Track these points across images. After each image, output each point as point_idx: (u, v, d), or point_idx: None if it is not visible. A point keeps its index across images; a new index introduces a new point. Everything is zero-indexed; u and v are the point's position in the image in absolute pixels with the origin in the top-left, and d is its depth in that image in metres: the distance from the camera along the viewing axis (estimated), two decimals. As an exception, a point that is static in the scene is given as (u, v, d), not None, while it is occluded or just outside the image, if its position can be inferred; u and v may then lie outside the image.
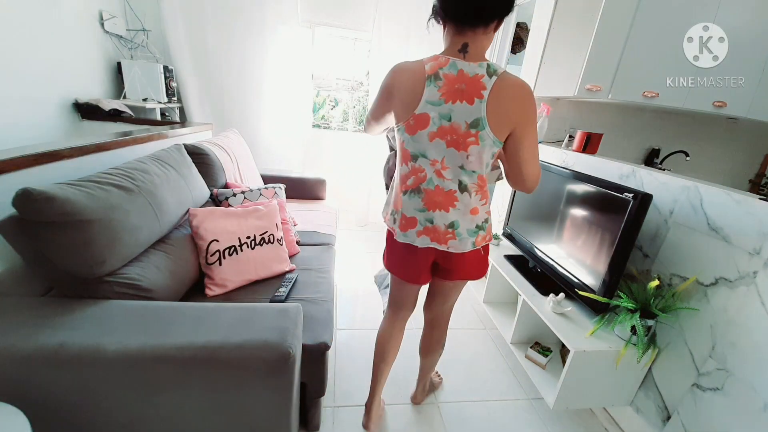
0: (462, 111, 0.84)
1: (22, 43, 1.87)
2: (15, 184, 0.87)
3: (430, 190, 0.95)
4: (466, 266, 1.05)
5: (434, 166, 0.92)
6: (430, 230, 0.98)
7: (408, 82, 0.89)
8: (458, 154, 0.89)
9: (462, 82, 0.83)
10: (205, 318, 0.91)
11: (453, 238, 0.97)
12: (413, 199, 0.97)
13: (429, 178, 0.94)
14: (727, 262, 1.08)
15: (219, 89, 2.88)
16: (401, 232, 1.01)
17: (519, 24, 3.26)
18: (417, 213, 0.98)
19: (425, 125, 0.88)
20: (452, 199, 0.94)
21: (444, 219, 0.96)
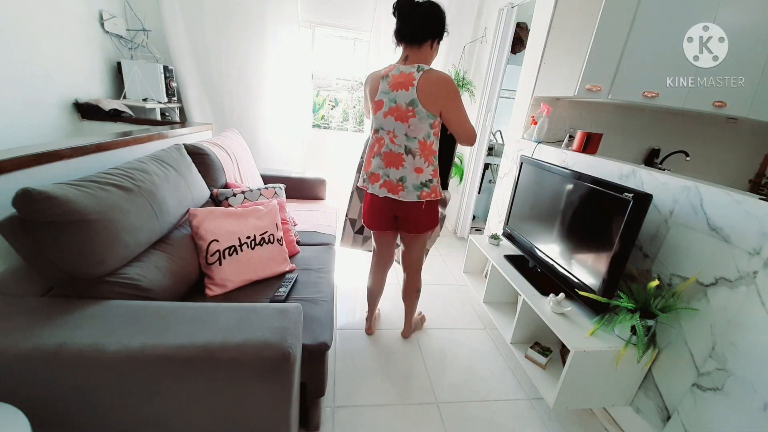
0: (402, 96, 1.26)
1: (23, 43, 1.87)
2: (15, 184, 0.87)
3: (387, 152, 1.35)
4: (419, 219, 1.42)
5: (389, 135, 1.33)
6: (387, 183, 1.37)
7: (373, 83, 1.35)
8: (403, 126, 1.29)
9: (402, 78, 1.26)
10: (205, 318, 0.91)
11: (402, 190, 1.35)
12: (376, 159, 1.39)
13: (386, 143, 1.34)
14: (727, 262, 1.08)
15: (219, 89, 2.88)
16: (371, 184, 1.41)
17: (519, 24, 3.26)
18: (379, 170, 1.38)
19: (381, 107, 1.32)
20: (401, 160, 1.33)
21: (395, 174, 1.35)
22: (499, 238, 2.12)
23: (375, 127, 1.37)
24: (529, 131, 2.20)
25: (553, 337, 1.61)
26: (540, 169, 1.79)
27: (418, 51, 1.29)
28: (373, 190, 1.40)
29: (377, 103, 1.31)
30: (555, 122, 2.21)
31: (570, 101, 2.20)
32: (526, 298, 1.56)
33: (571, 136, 1.99)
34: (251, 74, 2.88)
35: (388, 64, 1.33)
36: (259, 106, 2.98)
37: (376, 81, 1.32)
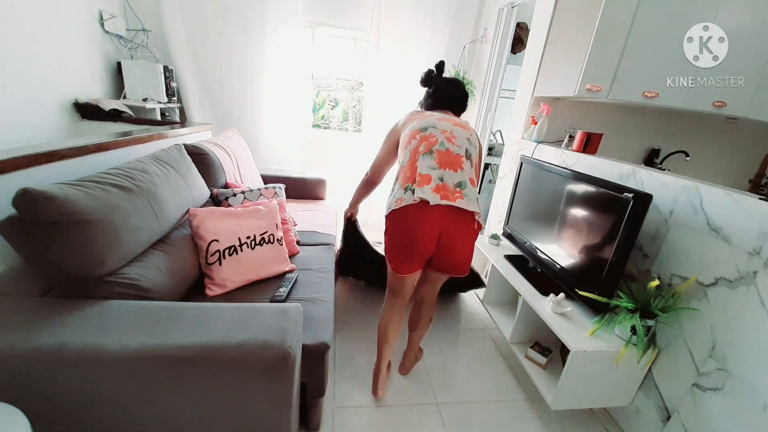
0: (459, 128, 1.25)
1: (22, 42, 1.87)
2: (15, 184, 0.87)
3: (441, 151, 1.16)
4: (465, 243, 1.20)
5: (444, 134, 1.19)
6: (441, 187, 1.12)
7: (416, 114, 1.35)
8: (464, 132, 1.23)
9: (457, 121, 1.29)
10: (205, 318, 0.91)
11: (461, 197, 1.12)
12: (426, 159, 1.16)
13: (440, 141, 1.17)
14: (727, 262, 1.08)
15: (219, 89, 2.88)
16: (418, 188, 1.12)
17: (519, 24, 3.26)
18: (431, 171, 1.14)
19: (433, 115, 1.29)
20: (460, 162, 1.16)
21: (452, 178, 1.14)
22: (499, 237, 2.12)
23: (421, 126, 1.21)
24: (529, 131, 2.20)
25: (553, 337, 1.61)
26: (540, 169, 1.79)
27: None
28: (425, 194, 1.10)
29: (426, 115, 1.28)
30: (555, 122, 2.21)
31: (570, 101, 2.20)
32: (526, 298, 1.56)
33: (571, 136, 1.99)
34: (251, 74, 2.87)
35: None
36: (259, 106, 2.98)
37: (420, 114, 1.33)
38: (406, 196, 1.14)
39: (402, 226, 1.16)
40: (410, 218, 1.14)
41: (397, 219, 1.17)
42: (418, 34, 2.95)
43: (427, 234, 1.14)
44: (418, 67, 3.05)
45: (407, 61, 3.02)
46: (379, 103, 3.06)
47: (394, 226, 1.19)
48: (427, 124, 1.20)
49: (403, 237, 1.17)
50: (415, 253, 1.18)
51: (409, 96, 3.08)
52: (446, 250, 1.18)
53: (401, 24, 2.88)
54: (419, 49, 3.00)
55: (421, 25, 2.93)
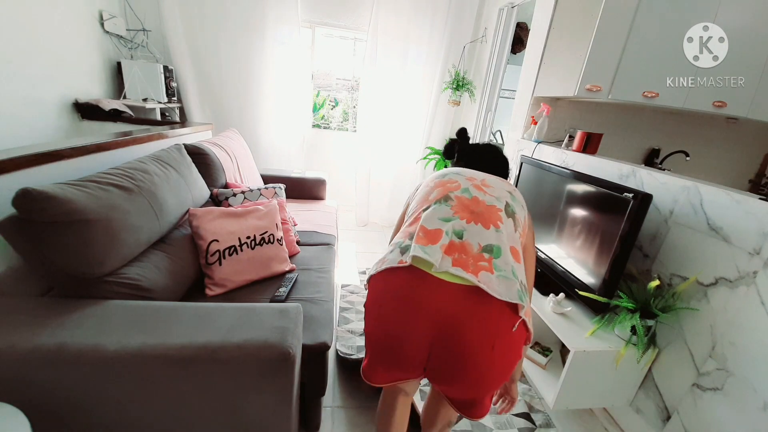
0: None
1: (22, 42, 1.87)
2: (15, 184, 0.87)
3: (464, 198, 0.76)
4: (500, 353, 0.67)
5: (471, 181, 0.80)
6: (456, 247, 0.68)
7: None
8: (504, 184, 0.84)
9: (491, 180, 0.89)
10: (205, 318, 0.91)
11: (488, 270, 0.65)
12: (438, 208, 0.76)
13: (464, 188, 0.79)
14: (727, 262, 1.08)
15: (219, 89, 2.88)
16: (416, 243, 0.70)
17: (519, 24, 3.26)
18: (442, 223, 0.72)
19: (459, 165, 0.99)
20: (495, 216, 0.73)
21: (480, 236, 0.69)
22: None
23: (440, 173, 0.88)
24: (529, 131, 2.20)
25: (553, 337, 1.61)
26: (540, 169, 1.79)
27: None
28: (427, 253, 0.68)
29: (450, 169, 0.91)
30: (555, 122, 2.21)
31: (570, 101, 2.20)
32: (526, 298, 1.56)
33: (571, 136, 1.99)
34: (251, 74, 2.87)
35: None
36: (259, 106, 2.98)
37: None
38: (391, 255, 0.73)
39: (379, 302, 0.73)
40: (393, 291, 0.70)
41: (375, 289, 0.76)
42: (418, 34, 2.95)
43: (418, 323, 0.67)
44: (418, 67, 3.05)
45: (407, 62, 3.02)
46: (376, 105, 3.06)
47: (370, 299, 0.77)
48: (449, 171, 0.87)
49: (379, 322, 0.73)
50: (395, 354, 0.71)
51: (409, 97, 3.09)
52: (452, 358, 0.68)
53: (400, 24, 2.89)
54: (419, 49, 3.00)
55: (421, 25, 2.93)
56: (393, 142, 3.20)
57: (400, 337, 0.70)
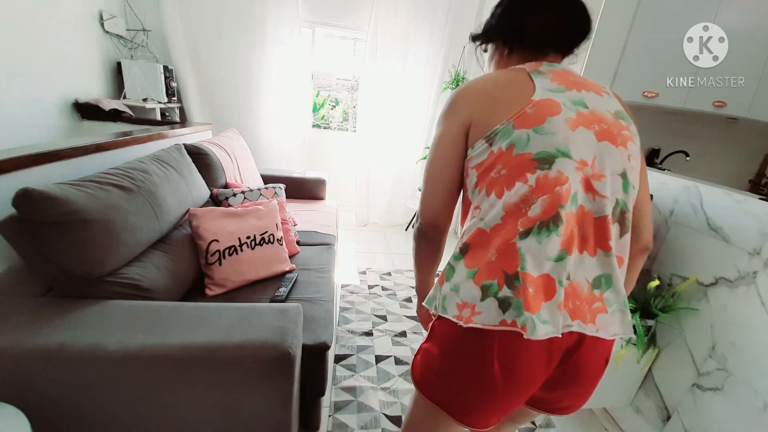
0: (595, 100, 0.60)
1: (23, 42, 1.87)
2: (15, 184, 0.87)
3: (572, 215, 0.55)
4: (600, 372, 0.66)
5: (583, 170, 0.55)
6: (569, 293, 0.55)
7: (501, 81, 0.62)
8: (617, 151, 0.57)
9: (572, 77, 0.63)
10: (205, 318, 0.91)
11: (602, 310, 0.57)
12: (544, 240, 0.54)
13: (573, 193, 0.55)
14: (727, 262, 1.08)
15: (219, 89, 2.88)
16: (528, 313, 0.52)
17: (519, 24, 3.25)
18: (553, 266, 0.54)
19: (556, 110, 0.56)
20: (606, 234, 0.57)
21: (586, 269, 0.57)
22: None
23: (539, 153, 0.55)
24: (529, 131, 2.20)
25: (553, 337, 1.61)
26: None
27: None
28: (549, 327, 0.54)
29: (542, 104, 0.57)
30: (555, 122, 2.21)
31: (570, 101, 2.20)
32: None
33: (571, 136, 1.99)
34: (251, 74, 2.88)
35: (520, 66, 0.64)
36: (259, 106, 2.98)
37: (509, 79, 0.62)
38: (485, 305, 0.55)
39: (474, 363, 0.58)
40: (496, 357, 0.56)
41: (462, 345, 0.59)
42: (418, 34, 2.95)
43: (531, 381, 0.59)
44: (418, 67, 3.05)
45: (407, 62, 3.02)
46: (376, 105, 3.06)
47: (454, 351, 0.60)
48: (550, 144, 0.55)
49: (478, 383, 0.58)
50: (500, 406, 0.61)
51: (409, 97, 3.09)
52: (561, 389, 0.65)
53: (400, 24, 2.89)
54: (419, 49, 3.00)
55: (421, 25, 2.93)
56: (393, 142, 3.20)
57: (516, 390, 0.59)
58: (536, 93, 0.58)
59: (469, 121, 0.60)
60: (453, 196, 0.66)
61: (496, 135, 0.57)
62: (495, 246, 0.56)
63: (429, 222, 0.67)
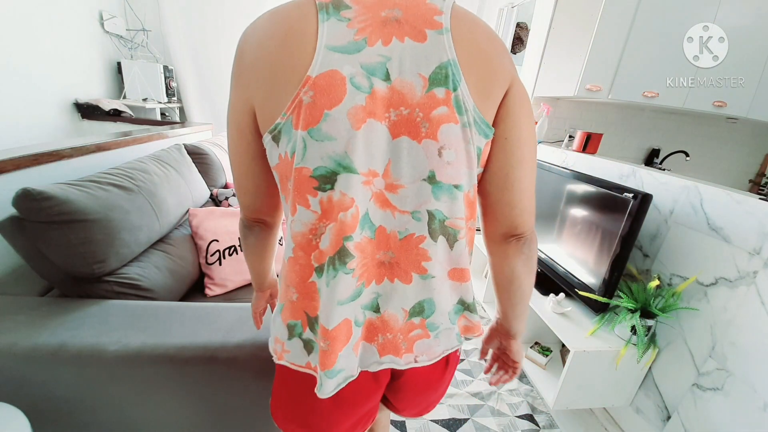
0: (409, 55, 0.41)
1: (23, 42, 1.87)
2: (15, 184, 0.87)
3: (366, 241, 0.46)
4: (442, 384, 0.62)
5: (370, 185, 0.44)
6: (377, 327, 0.51)
7: (277, 31, 0.42)
8: (419, 149, 0.43)
9: (392, 4, 0.42)
10: (205, 318, 0.91)
11: (424, 336, 0.52)
12: (334, 281, 0.46)
13: (363, 215, 0.45)
14: (727, 262, 1.08)
15: (219, 89, 2.88)
16: (324, 372, 0.48)
17: (519, 24, 3.26)
18: (345, 309, 0.47)
19: (337, 97, 0.41)
20: (417, 255, 0.48)
21: (400, 298, 0.50)
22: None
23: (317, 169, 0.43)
24: (529, 131, 2.20)
25: (553, 337, 1.61)
26: (540, 169, 1.79)
27: None
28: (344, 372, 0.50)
29: (319, 84, 0.40)
30: (555, 122, 2.21)
31: (570, 101, 2.20)
32: (526, 298, 1.56)
33: (571, 136, 1.99)
34: (251, 74, 2.87)
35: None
36: (259, 106, 2.98)
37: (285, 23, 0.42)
38: (292, 344, 0.52)
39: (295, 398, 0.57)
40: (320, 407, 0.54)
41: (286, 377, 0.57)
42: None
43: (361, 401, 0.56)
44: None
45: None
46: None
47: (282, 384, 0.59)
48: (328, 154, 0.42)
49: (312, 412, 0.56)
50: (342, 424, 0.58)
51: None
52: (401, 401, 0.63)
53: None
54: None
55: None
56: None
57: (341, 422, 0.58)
58: (315, 60, 0.40)
59: (251, 100, 0.44)
60: (265, 188, 0.52)
61: (280, 133, 0.43)
62: (294, 284, 0.49)
63: (251, 218, 0.57)
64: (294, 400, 0.57)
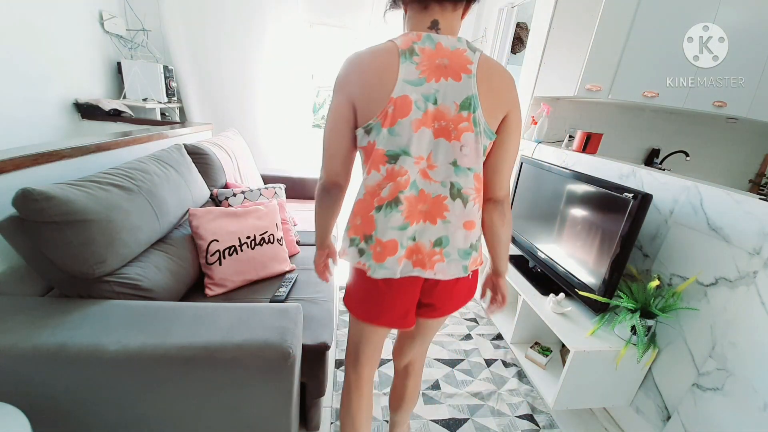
0: (449, 90, 0.70)
1: (23, 43, 1.87)
2: (15, 184, 0.87)
3: (412, 197, 0.75)
4: (453, 299, 0.86)
5: (419, 164, 0.74)
6: (413, 250, 0.77)
7: (375, 65, 0.72)
8: (449, 146, 0.73)
9: (443, 56, 0.70)
10: (205, 318, 0.91)
11: (441, 260, 0.78)
12: (391, 214, 0.75)
13: (412, 181, 0.74)
14: (727, 262, 1.08)
15: (219, 89, 2.88)
16: (377, 264, 0.77)
17: (519, 24, 3.26)
18: (397, 233, 0.75)
19: (406, 111, 0.70)
20: (441, 208, 0.76)
21: (429, 234, 0.77)
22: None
23: (388, 151, 0.73)
24: (529, 131, 2.20)
25: (553, 337, 1.61)
26: (540, 169, 1.79)
27: (452, 15, 0.74)
28: (389, 270, 0.77)
29: (399, 102, 0.70)
30: (555, 122, 2.21)
31: (570, 101, 2.20)
32: (526, 298, 1.56)
33: (571, 136, 1.99)
34: (251, 74, 2.87)
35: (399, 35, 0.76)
36: (259, 106, 2.98)
37: (383, 60, 0.72)
38: (351, 250, 0.82)
39: (365, 291, 0.84)
40: (374, 292, 0.82)
41: (358, 278, 0.85)
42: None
43: (400, 303, 0.84)
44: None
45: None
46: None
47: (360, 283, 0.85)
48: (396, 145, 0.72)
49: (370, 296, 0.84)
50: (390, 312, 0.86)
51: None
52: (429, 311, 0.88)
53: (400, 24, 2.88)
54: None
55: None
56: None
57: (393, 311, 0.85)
58: (396, 88, 0.69)
59: (353, 102, 0.74)
60: (349, 159, 0.82)
61: (372, 129, 0.73)
62: (360, 214, 0.79)
63: (331, 181, 0.83)
64: (357, 286, 0.86)
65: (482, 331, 1.93)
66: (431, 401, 1.45)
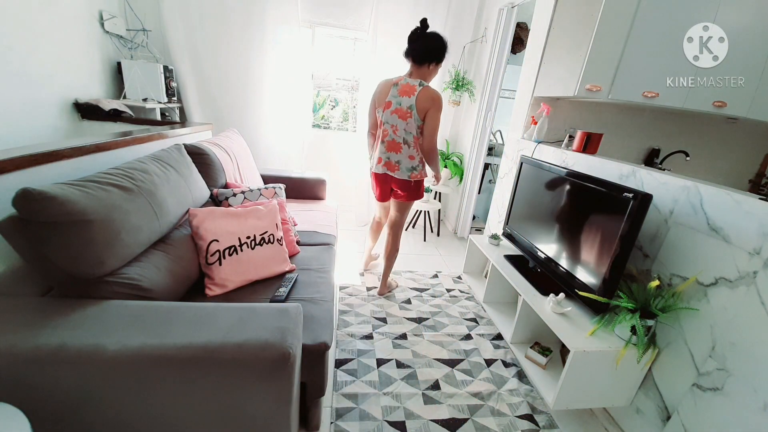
0: (405, 101, 1.76)
1: (22, 43, 1.87)
2: (15, 184, 0.87)
3: (390, 141, 1.85)
4: (402, 189, 1.93)
5: (392, 129, 1.83)
6: (387, 164, 1.89)
7: (385, 87, 1.84)
8: (403, 122, 1.79)
9: (407, 88, 1.77)
10: (205, 318, 0.91)
11: (398, 169, 1.87)
12: (380, 146, 1.89)
13: (389, 134, 1.84)
14: (727, 262, 1.08)
15: (219, 89, 2.88)
16: (376, 164, 1.93)
17: (519, 24, 3.26)
18: (383, 153, 1.89)
19: (390, 106, 1.81)
20: (399, 147, 1.84)
21: (394, 158, 1.86)
22: (499, 238, 2.12)
23: (383, 120, 1.84)
24: (529, 131, 2.20)
25: (553, 337, 1.61)
26: (540, 169, 1.79)
27: (418, 69, 1.78)
28: (376, 169, 1.92)
29: (388, 103, 1.80)
30: (555, 122, 2.21)
31: (570, 101, 2.20)
32: (526, 298, 1.56)
33: (571, 136, 1.99)
34: (251, 74, 2.88)
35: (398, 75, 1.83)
36: (259, 106, 2.98)
37: (388, 86, 1.81)
38: (370, 164, 2.02)
39: (373, 179, 2.04)
40: (374, 178, 2.02)
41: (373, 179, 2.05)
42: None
43: (384, 186, 1.99)
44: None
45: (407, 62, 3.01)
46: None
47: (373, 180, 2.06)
48: (385, 119, 1.83)
49: (376, 187, 2.04)
50: (381, 192, 2.03)
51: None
52: (396, 193, 1.97)
53: (401, 24, 2.88)
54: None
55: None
56: (393, 142, 3.21)
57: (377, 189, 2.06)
58: (389, 96, 1.81)
59: (375, 100, 1.90)
60: (375, 122, 1.94)
61: (378, 111, 1.88)
62: (375, 145, 1.96)
63: (370, 130, 2.02)
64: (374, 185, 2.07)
65: (482, 331, 1.93)
66: (431, 401, 1.45)
